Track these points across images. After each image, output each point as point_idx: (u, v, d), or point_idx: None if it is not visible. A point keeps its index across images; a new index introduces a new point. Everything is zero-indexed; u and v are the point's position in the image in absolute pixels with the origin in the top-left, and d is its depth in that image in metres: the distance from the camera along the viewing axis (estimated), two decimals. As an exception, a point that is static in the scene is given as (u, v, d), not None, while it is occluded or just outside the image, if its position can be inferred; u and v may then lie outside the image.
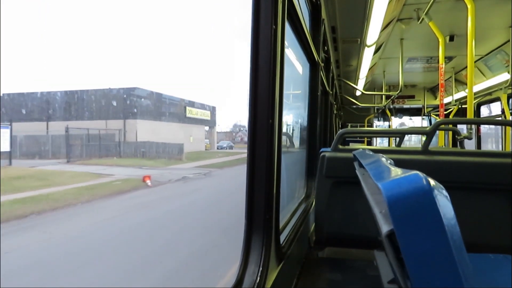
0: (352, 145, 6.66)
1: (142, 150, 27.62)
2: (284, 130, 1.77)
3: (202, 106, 41.94)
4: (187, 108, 38.43)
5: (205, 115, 42.15)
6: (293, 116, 3.58)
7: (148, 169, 20.09)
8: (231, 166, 23.85)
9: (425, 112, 11.80)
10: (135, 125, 30.41)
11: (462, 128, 5.89)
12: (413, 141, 20.06)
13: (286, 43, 1.63)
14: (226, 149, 45.24)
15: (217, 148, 44.71)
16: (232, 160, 28.08)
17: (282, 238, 1.83)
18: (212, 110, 44.07)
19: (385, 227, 0.69)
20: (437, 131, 5.77)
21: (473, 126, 4.70)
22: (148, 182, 15.19)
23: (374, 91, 11.27)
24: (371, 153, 1.64)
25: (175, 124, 35.69)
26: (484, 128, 8.82)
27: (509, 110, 6.89)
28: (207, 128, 43.18)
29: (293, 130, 3.61)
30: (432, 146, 2.55)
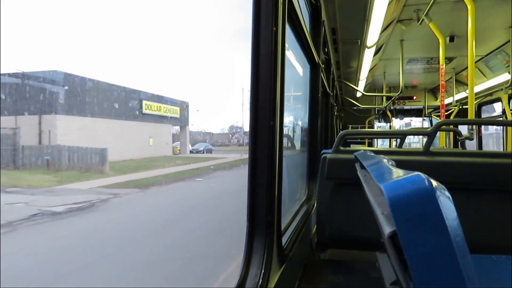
0: (353, 147, 6.65)
1: (47, 159, 18.88)
2: (285, 131, 1.77)
3: (169, 101, 31.59)
4: (144, 102, 28.08)
5: (173, 111, 31.66)
6: (294, 118, 3.58)
7: (8, 194, 12.32)
8: (162, 185, 16.06)
9: (426, 113, 11.79)
10: (54, 122, 20.81)
11: (463, 128, 5.88)
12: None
13: (286, 44, 1.63)
14: (203, 152, 37.14)
15: (192, 152, 35.72)
16: (183, 171, 20.29)
17: (284, 240, 1.83)
18: (183, 106, 33.50)
19: (387, 229, 0.68)
20: (438, 132, 5.76)
21: (474, 126, 4.69)
22: None
23: (375, 93, 11.28)
24: (372, 154, 1.64)
25: (126, 123, 25.76)
26: (486, 128, 8.82)
27: (510, 110, 6.89)
28: (177, 127, 34.90)
29: (294, 131, 3.61)
30: (433, 147, 2.55)
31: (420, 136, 12.41)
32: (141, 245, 7.96)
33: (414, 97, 11.69)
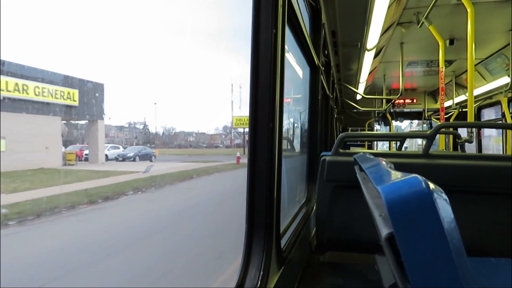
0: (353, 149, 6.66)
1: None
2: (284, 134, 1.77)
3: (54, 79, 14.43)
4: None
5: (61, 95, 15.39)
6: (293, 120, 3.58)
7: None
8: None
9: (426, 115, 11.81)
10: None
11: (463, 131, 5.88)
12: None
13: (286, 47, 1.64)
14: (133, 160, 24.45)
15: (117, 159, 23.86)
16: None
17: (283, 242, 1.83)
18: (88, 88, 17.43)
19: (384, 231, 0.69)
20: (438, 135, 5.76)
21: (473, 129, 4.70)
22: None
23: (375, 95, 11.29)
24: (371, 157, 1.64)
25: None
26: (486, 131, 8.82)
27: (510, 113, 6.90)
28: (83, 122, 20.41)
29: (293, 134, 3.61)
30: (432, 149, 2.55)
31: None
32: None
33: (414, 100, 11.71)
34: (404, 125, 16.02)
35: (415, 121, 15.39)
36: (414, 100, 11.73)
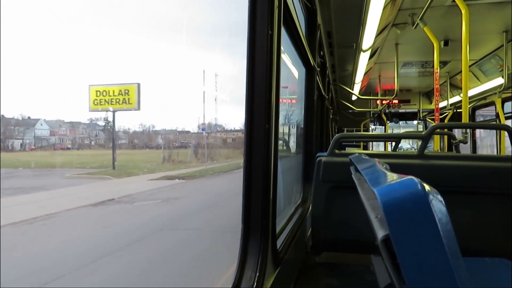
0: (349, 150, 6.68)
1: None
2: (280, 134, 1.77)
3: None
4: None
5: None
6: (289, 121, 3.59)
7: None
8: None
9: (421, 116, 11.86)
10: None
11: (458, 131, 5.92)
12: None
13: (282, 47, 1.64)
14: None
15: None
16: None
17: (279, 243, 1.83)
18: None
19: (380, 232, 0.69)
20: (433, 135, 5.79)
21: (468, 130, 4.72)
22: None
23: (370, 96, 11.32)
24: (367, 157, 1.65)
25: None
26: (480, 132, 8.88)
27: (503, 114, 6.94)
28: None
29: (289, 134, 3.62)
30: (427, 150, 2.56)
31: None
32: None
33: (409, 101, 11.76)
34: (415, 122, 15.95)
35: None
36: (409, 101, 11.78)
